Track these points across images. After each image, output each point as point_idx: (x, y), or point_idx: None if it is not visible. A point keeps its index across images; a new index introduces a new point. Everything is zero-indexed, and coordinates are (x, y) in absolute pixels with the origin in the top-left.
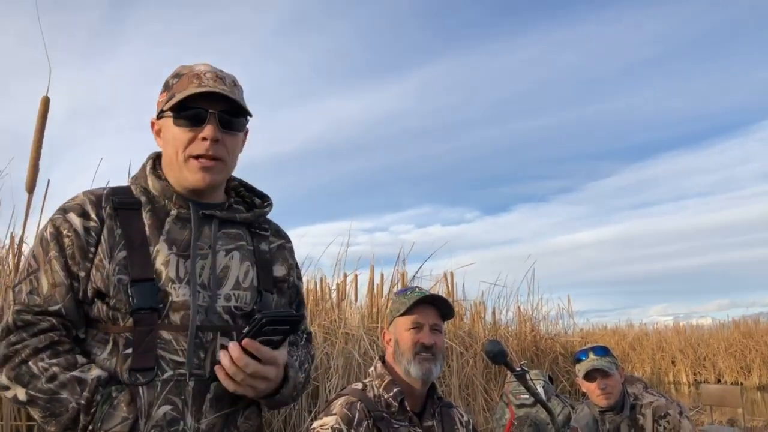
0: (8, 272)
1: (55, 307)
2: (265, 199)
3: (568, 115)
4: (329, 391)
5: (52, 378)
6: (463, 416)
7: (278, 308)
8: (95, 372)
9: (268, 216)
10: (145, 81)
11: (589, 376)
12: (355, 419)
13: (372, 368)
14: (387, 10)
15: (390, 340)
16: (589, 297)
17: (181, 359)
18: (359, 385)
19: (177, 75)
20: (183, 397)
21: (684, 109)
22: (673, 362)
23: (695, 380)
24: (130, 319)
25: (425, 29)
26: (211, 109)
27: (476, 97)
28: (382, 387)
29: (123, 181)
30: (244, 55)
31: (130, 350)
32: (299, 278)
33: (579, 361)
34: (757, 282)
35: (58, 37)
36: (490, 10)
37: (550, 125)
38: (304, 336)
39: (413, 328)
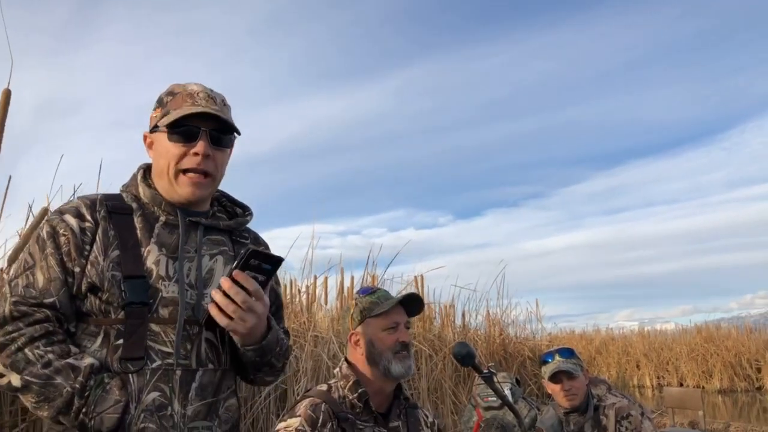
0: None
1: (50, 300)
2: (245, 209)
3: (541, 121)
4: (297, 394)
5: (47, 364)
6: (428, 417)
7: (260, 248)
8: (88, 360)
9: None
10: (114, 80)
11: (555, 377)
12: (320, 420)
13: (337, 369)
14: (363, 14)
15: (358, 340)
16: (558, 302)
17: (169, 350)
18: (324, 387)
19: (171, 93)
20: (170, 385)
21: (654, 117)
22: (637, 366)
23: (659, 383)
24: (122, 312)
25: (402, 34)
26: (203, 127)
27: (452, 103)
28: (346, 388)
29: (92, 181)
30: (217, 55)
31: (121, 341)
32: (277, 283)
33: (545, 363)
34: (720, 288)
35: (24, 32)
36: (466, 17)
37: (523, 131)
38: (282, 328)
39: (390, 328)
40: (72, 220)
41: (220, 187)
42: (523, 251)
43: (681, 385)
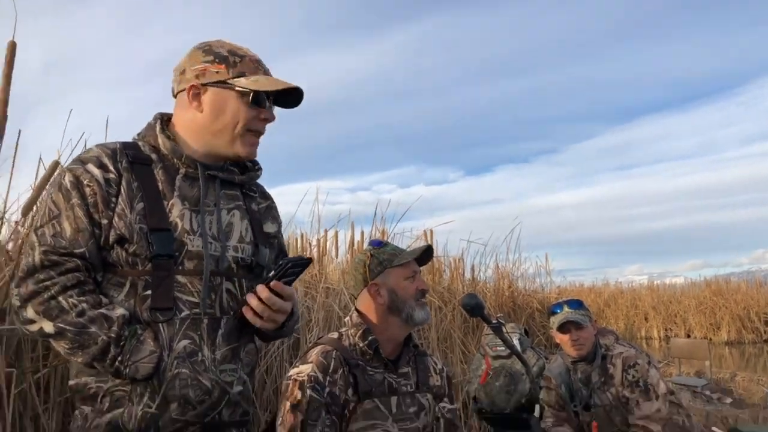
0: None
1: (80, 250)
2: (255, 164)
3: (552, 76)
4: (309, 343)
5: (81, 313)
6: (437, 364)
7: (294, 256)
8: (120, 310)
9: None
10: (122, 30)
11: (563, 327)
12: (331, 367)
13: (347, 318)
14: None
15: (379, 290)
16: (568, 256)
17: (195, 300)
18: (335, 335)
19: (233, 53)
20: (199, 333)
21: (667, 72)
22: (645, 318)
23: (666, 335)
24: (149, 264)
25: None
26: (270, 95)
27: (461, 58)
28: (357, 336)
29: (100, 135)
30: (219, 9)
31: (149, 292)
32: (281, 234)
33: (553, 313)
34: (731, 244)
35: None
36: None
37: (534, 86)
38: None
39: (411, 276)
40: (96, 171)
41: None
42: (534, 207)
43: (688, 336)
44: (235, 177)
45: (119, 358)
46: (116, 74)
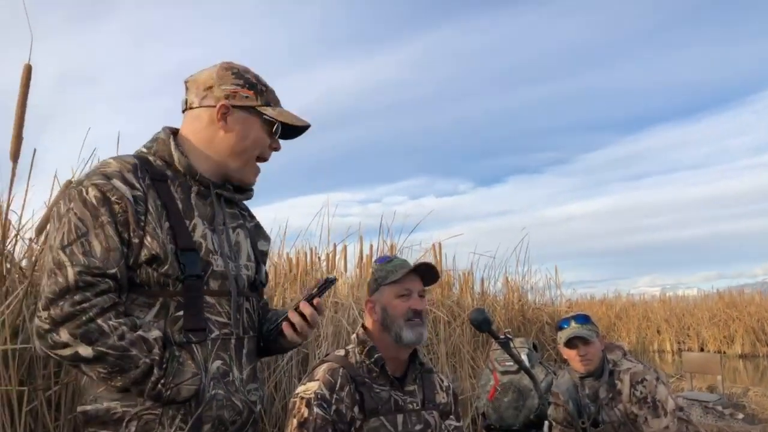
0: None
1: (113, 271)
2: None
3: (564, 86)
4: (318, 358)
5: (122, 336)
6: (443, 381)
7: (328, 276)
8: (156, 332)
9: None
10: (132, 47)
11: (570, 343)
12: (338, 384)
13: (354, 335)
14: None
15: (373, 307)
16: (579, 268)
17: (223, 320)
18: (342, 352)
19: (261, 82)
20: (229, 353)
21: (680, 81)
22: (658, 331)
23: (679, 349)
24: (180, 285)
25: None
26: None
27: (472, 68)
28: (363, 353)
29: (111, 150)
30: (230, 20)
31: (180, 313)
32: (267, 240)
33: (561, 329)
34: (746, 254)
35: (43, 3)
36: None
37: (545, 97)
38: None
39: (403, 295)
40: (123, 187)
41: None
42: (544, 218)
43: (702, 350)
44: (235, 196)
45: (162, 381)
46: (128, 88)
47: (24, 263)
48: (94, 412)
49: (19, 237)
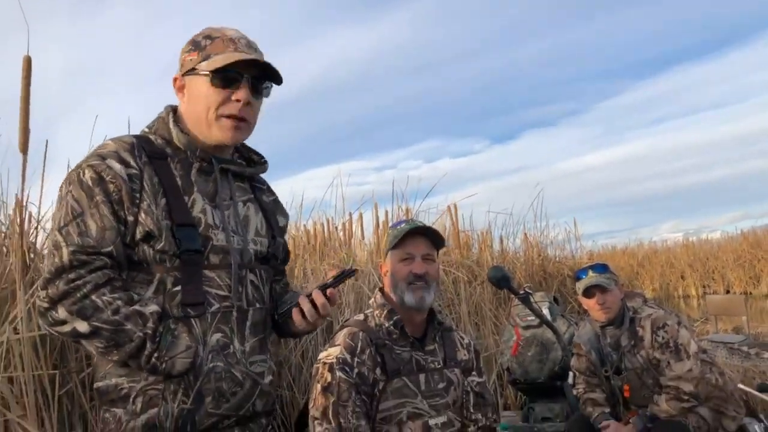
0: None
1: (108, 249)
2: (261, 156)
3: (573, 33)
4: None
5: (116, 311)
6: (464, 339)
7: (347, 268)
8: (153, 306)
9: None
10: (135, 34)
11: (588, 292)
12: (358, 348)
13: (372, 299)
14: None
15: (386, 271)
16: (600, 219)
17: (224, 293)
18: (361, 316)
19: (209, 36)
20: (230, 326)
21: (693, 17)
22: (682, 277)
23: (704, 293)
24: (177, 260)
25: None
26: (246, 74)
27: (476, 26)
28: (382, 316)
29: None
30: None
31: (178, 288)
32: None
33: (579, 279)
34: None
35: None
36: None
37: (554, 47)
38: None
39: (405, 259)
40: (117, 166)
41: None
42: (562, 171)
43: (728, 292)
44: (245, 170)
45: (155, 355)
46: (135, 77)
47: (46, 252)
48: (104, 389)
49: (39, 227)
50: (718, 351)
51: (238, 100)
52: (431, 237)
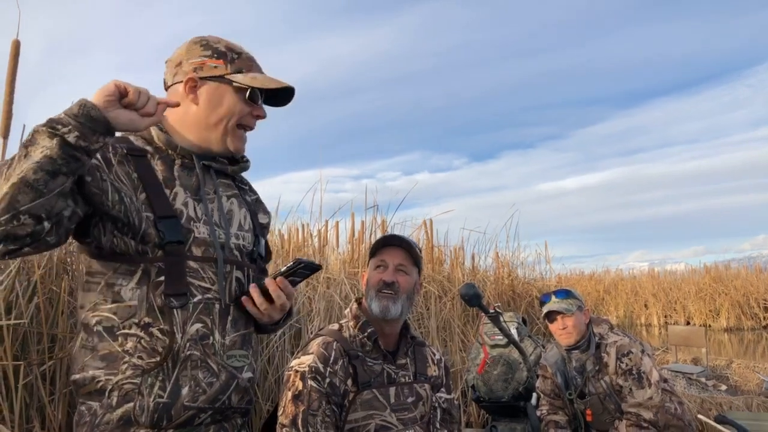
0: None
1: None
2: (243, 156)
3: (559, 60)
4: (311, 333)
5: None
6: (435, 354)
7: (307, 259)
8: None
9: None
10: (121, 16)
11: (549, 317)
12: (331, 358)
13: (348, 310)
14: None
15: (366, 281)
16: (570, 243)
17: (207, 285)
18: (335, 326)
19: (232, 50)
20: (211, 317)
21: (675, 55)
22: (645, 306)
23: (666, 322)
24: (160, 252)
25: None
26: (262, 93)
27: (465, 42)
28: (356, 327)
29: None
30: None
31: (162, 278)
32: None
33: (543, 303)
34: (734, 229)
35: None
36: None
37: (540, 71)
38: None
39: (379, 266)
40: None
41: None
42: (537, 193)
43: (688, 323)
44: (227, 168)
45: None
46: (120, 59)
47: None
48: (81, 381)
49: None
50: (678, 381)
51: (258, 116)
52: (409, 250)
